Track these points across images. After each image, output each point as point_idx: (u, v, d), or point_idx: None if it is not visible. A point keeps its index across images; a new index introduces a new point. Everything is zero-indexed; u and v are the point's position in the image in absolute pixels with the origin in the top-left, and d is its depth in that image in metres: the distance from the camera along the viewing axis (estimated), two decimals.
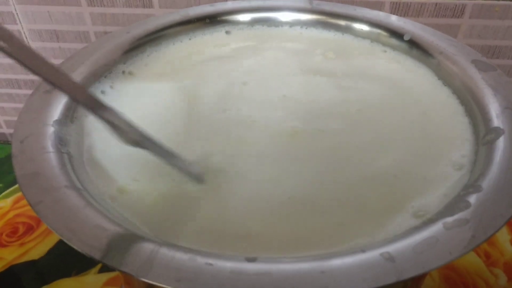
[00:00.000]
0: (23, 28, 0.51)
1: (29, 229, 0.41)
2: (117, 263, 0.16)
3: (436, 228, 0.18)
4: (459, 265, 0.36)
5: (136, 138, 0.20)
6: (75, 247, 0.17)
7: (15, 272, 0.38)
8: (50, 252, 0.39)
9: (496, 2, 0.45)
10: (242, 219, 0.20)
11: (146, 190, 0.22)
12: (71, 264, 0.38)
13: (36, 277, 0.37)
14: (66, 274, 0.37)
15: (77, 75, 0.27)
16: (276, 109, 0.27)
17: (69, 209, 0.18)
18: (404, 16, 0.44)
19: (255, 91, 0.29)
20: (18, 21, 0.51)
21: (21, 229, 0.41)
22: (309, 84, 0.29)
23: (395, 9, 0.46)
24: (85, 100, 0.19)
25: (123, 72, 0.30)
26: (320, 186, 0.22)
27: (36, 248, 0.39)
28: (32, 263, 0.38)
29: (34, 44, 0.52)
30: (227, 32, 0.34)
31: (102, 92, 0.28)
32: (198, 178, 0.22)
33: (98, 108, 0.19)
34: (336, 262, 0.17)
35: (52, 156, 0.21)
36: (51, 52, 0.52)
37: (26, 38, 0.52)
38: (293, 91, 0.28)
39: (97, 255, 0.16)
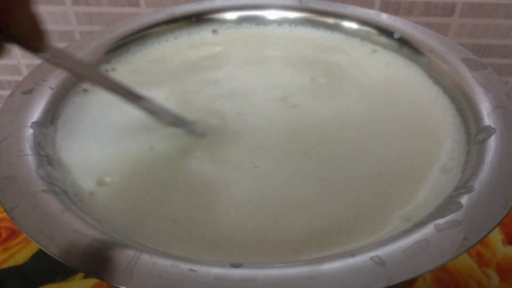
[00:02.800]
0: None
1: (12, 233, 0.40)
2: (96, 271, 0.15)
3: (427, 230, 0.17)
4: (451, 266, 0.36)
5: (170, 120, 0.24)
6: (52, 254, 0.16)
7: None
8: (34, 257, 0.38)
9: (486, 0, 0.45)
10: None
11: (119, 189, 0.21)
12: (56, 270, 0.37)
13: (20, 283, 0.36)
14: (51, 279, 0.36)
15: (59, 74, 0.26)
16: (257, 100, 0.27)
17: (47, 214, 0.17)
18: (394, 15, 0.44)
19: (239, 87, 0.28)
20: None
21: (4, 234, 0.40)
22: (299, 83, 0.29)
23: (385, 8, 0.46)
24: (125, 94, 0.22)
25: (106, 70, 0.29)
26: (302, 187, 0.21)
27: (20, 253, 0.38)
28: (16, 269, 0.37)
29: None
30: (213, 31, 0.34)
31: (85, 90, 0.27)
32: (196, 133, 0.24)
33: (136, 99, 0.23)
34: (325, 267, 0.16)
35: (30, 159, 0.20)
36: None
37: None
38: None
39: (74, 263, 0.16)
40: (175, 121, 0.24)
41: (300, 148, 0.24)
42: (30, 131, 0.21)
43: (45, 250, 0.16)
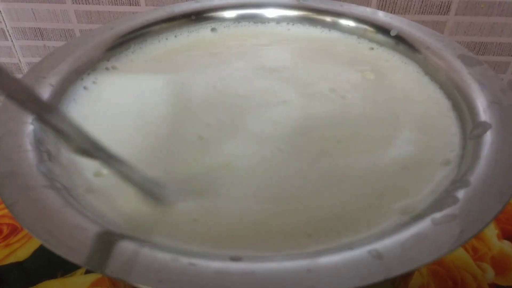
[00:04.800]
0: (7, 26, 0.50)
1: (14, 230, 0.40)
2: (96, 264, 0.16)
3: (424, 224, 0.17)
4: (447, 260, 0.36)
5: (85, 146, 0.17)
6: (51, 248, 0.16)
7: (0, 273, 0.37)
8: (35, 253, 0.38)
9: None
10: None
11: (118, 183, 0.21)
12: (57, 265, 0.37)
13: (21, 279, 0.37)
14: (52, 275, 0.37)
15: (58, 72, 0.26)
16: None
17: (47, 209, 0.17)
18: (390, 13, 0.44)
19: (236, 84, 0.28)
20: (1, 19, 0.50)
21: (5, 230, 0.40)
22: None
23: (382, 6, 0.46)
24: (25, 101, 0.16)
25: (107, 68, 0.29)
26: (298, 180, 0.22)
27: (21, 249, 0.39)
28: (17, 265, 0.38)
29: (18, 43, 0.51)
30: (212, 29, 0.34)
31: (85, 88, 0.27)
32: (156, 198, 0.20)
33: (42, 111, 0.16)
34: (323, 260, 0.16)
35: (30, 155, 0.20)
36: (36, 50, 0.51)
37: (10, 36, 0.51)
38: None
39: (74, 257, 0.16)
40: (91, 148, 0.18)
41: (305, 139, 0.24)
42: (31, 127, 0.22)
43: (45, 245, 0.16)
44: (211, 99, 0.27)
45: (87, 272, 0.37)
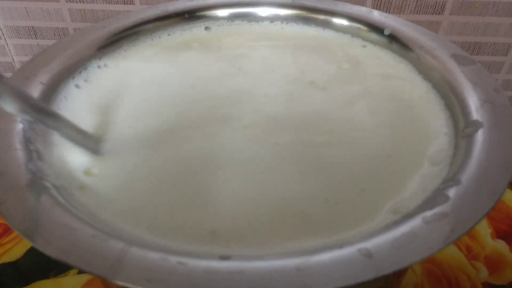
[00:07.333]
0: (0, 24, 0.50)
1: (6, 230, 0.40)
2: (85, 264, 0.15)
3: (415, 222, 0.17)
4: (441, 259, 0.36)
5: (20, 106, 0.19)
6: (39, 248, 0.16)
7: None
8: (28, 253, 0.38)
9: None
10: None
11: (109, 180, 0.21)
12: (50, 265, 0.37)
13: (14, 279, 0.36)
14: (45, 275, 0.36)
15: (49, 70, 0.26)
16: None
17: (36, 208, 0.17)
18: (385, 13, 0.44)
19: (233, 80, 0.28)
20: None
21: None
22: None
23: (377, 6, 0.46)
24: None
25: (99, 66, 0.29)
26: (281, 178, 0.21)
27: (14, 250, 0.39)
28: (10, 265, 0.37)
29: (12, 41, 0.51)
30: (206, 28, 0.34)
31: (76, 86, 0.27)
32: (95, 150, 0.22)
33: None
34: (313, 259, 0.16)
35: (19, 154, 0.20)
36: (29, 49, 0.51)
37: (3, 35, 0.50)
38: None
39: (62, 257, 0.16)
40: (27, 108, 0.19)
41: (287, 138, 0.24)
42: (20, 125, 0.21)
43: (33, 245, 0.16)
44: (200, 95, 0.27)
45: (80, 272, 0.37)
